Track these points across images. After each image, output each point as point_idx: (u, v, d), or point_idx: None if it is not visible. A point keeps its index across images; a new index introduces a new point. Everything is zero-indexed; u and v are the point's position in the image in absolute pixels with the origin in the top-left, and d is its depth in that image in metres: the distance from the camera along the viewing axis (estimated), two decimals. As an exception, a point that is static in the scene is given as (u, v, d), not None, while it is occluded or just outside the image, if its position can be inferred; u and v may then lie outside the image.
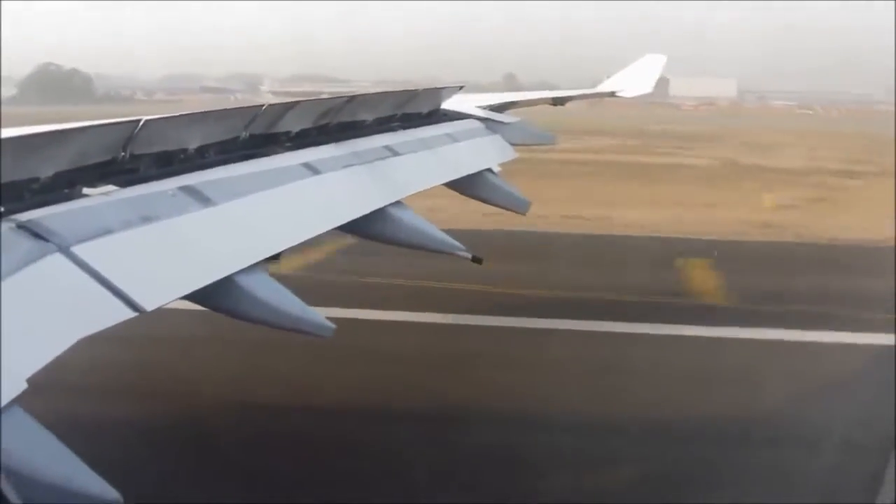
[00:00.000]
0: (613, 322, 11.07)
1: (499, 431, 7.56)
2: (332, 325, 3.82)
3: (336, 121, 5.76)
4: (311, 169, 4.86)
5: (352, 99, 6.02)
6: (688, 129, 48.86)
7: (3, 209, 2.95)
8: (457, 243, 5.37)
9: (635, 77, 13.26)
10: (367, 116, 6.31)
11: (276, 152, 4.94)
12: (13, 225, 2.90)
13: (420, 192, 5.77)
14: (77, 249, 2.94)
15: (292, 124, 5.20)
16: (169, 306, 3.12)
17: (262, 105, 4.86)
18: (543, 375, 9.06)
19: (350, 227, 4.86)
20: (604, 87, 13.32)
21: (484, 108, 8.63)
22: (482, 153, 7.42)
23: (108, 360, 7.05)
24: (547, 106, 10.77)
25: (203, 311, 3.62)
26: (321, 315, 3.83)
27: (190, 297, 3.32)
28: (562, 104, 11.66)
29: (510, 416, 7.93)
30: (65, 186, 3.40)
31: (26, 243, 2.85)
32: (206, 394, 8.11)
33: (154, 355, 8.87)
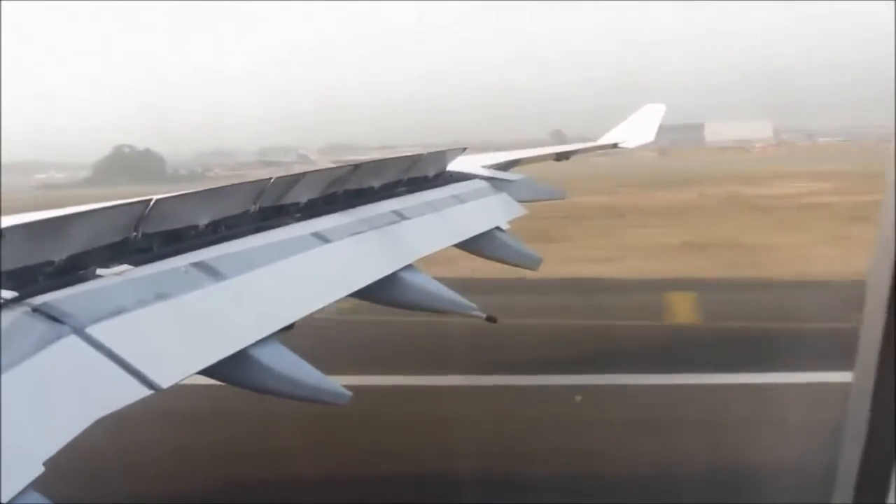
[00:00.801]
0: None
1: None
2: (349, 393, 3.79)
3: (343, 189, 5.84)
4: (321, 238, 4.90)
5: (358, 166, 6.11)
6: (801, 168, 44.73)
7: (18, 294, 2.99)
8: (470, 304, 5.35)
9: (636, 127, 13.42)
10: (374, 182, 6.39)
11: (285, 223, 5.00)
12: (28, 309, 2.93)
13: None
14: (92, 330, 2.95)
15: (301, 195, 5.27)
16: (186, 382, 3.13)
17: (270, 178, 4.94)
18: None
19: (363, 294, 4.87)
20: (606, 140, 13.47)
21: (489, 167, 8.73)
22: (490, 212, 7.47)
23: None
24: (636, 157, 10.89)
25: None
26: (337, 383, 3.81)
27: (205, 372, 3.32)
28: (566, 159, 11.78)
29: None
30: (79, 268, 3.44)
31: (41, 326, 2.87)
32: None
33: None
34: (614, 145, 13.11)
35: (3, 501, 2.15)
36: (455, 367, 10.70)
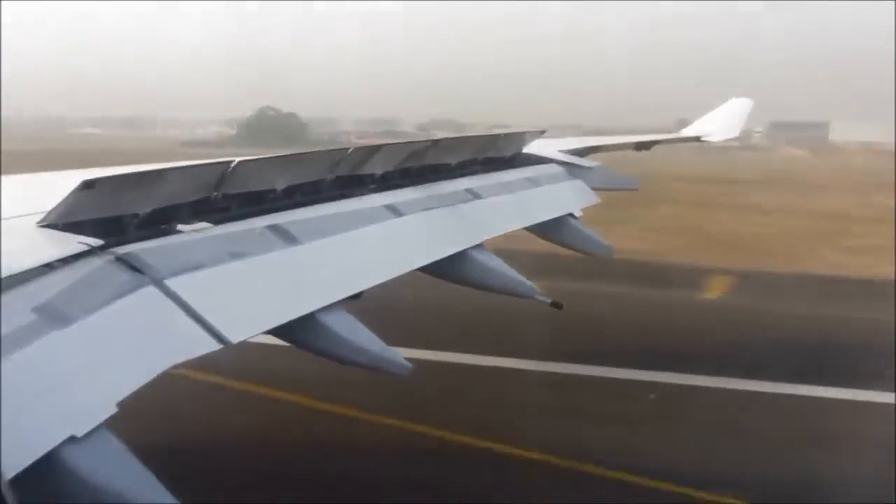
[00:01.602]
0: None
1: None
2: (409, 365, 3.84)
3: (420, 164, 5.86)
4: (394, 211, 4.95)
5: (436, 142, 6.12)
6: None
7: (103, 242, 3.12)
8: (535, 287, 5.33)
9: (721, 121, 13.02)
10: (451, 160, 6.39)
11: (360, 194, 5.06)
12: (112, 257, 3.06)
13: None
14: (170, 282, 3.07)
15: (377, 167, 5.32)
16: (252, 340, 3.22)
17: (349, 148, 5.00)
18: None
19: (431, 269, 4.90)
20: (688, 132, 13.12)
21: (566, 152, 8.63)
22: (563, 198, 7.39)
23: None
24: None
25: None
26: (400, 355, 3.86)
27: (273, 331, 3.41)
28: (646, 149, 11.54)
29: None
30: (161, 222, 3.56)
31: (123, 275, 3.00)
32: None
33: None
34: (697, 138, 12.75)
35: (77, 436, 2.26)
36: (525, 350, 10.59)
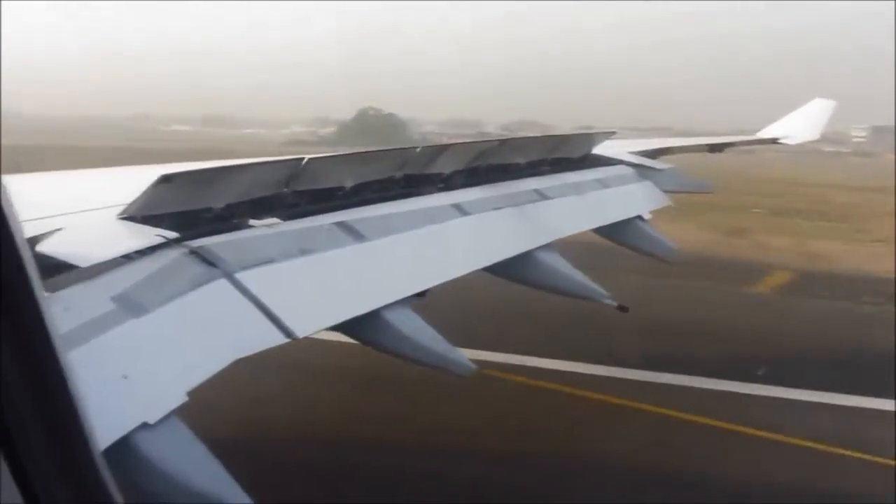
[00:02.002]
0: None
1: None
2: (473, 366, 3.84)
3: (487, 163, 5.86)
4: (461, 210, 4.96)
5: (504, 142, 6.10)
6: None
7: (179, 235, 3.22)
8: (602, 290, 5.25)
9: (801, 123, 12.59)
10: (519, 160, 6.36)
11: (428, 193, 5.09)
12: (187, 250, 3.16)
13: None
14: (240, 276, 3.15)
15: (445, 166, 5.33)
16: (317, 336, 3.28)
17: (417, 147, 5.03)
18: None
19: (496, 269, 4.89)
20: (766, 134, 12.73)
21: (637, 153, 8.48)
22: (633, 200, 7.28)
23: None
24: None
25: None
26: (464, 355, 3.86)
27: (338, 327, 3.46)
28: (719, 151, 11.25)
29: None
30: (234, 217, 3.66)
31: (196, 268, 3.09)
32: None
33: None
34: (774, 140, 12.35)
35: (149, 423, 2.34)
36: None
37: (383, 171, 4.82)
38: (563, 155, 7.08)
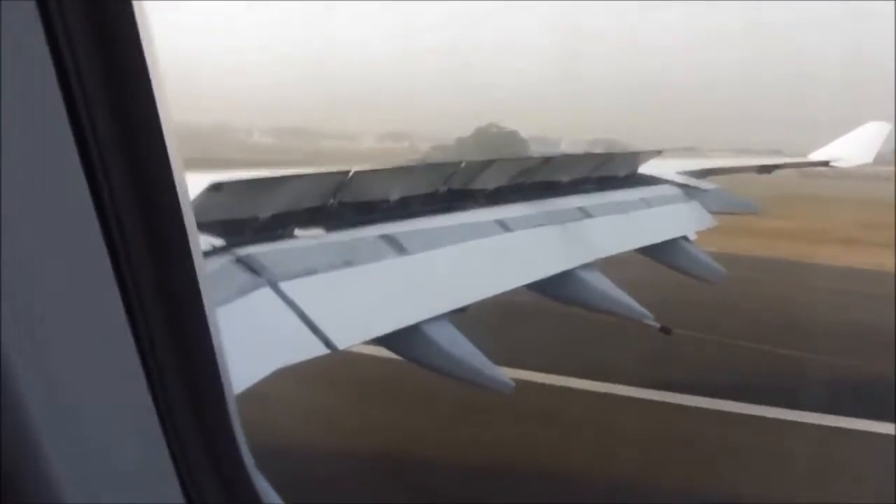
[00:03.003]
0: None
1: None
2: (511, 383, 3.82)
3: (532, 180, 5.85)
4: (504, 226, 4.95)
5: (548, 160, 6.09)
6: None
7: (225, 242, 3.27)
8: (644, 311, 5.19)
9: (854, 146, 12.34)
10: (563, 177, 6.34)
11: (471, 208, 5.09)
12: (233, 258, 3.20)
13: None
14: (284, 286, 3.18)
15: (489, 182, 5.34)
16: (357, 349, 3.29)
17: (461, 162, 5.04)
18: None
19: (538, 286, 4.87)
20: (818, 156, 12.50)
21: (683, 173, 8.39)
22: (677, 220, 7.19)
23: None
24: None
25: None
26: (501, 372, 3.85)
27: (379, 340, 3.47)
28: (768, 172, 11.09)
29: None
30: (280, 227, 3.71)
31: (242, 276, 3.14)
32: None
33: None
34: (826, 163, 12.13)
35: None
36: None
37: (429, 185, 4.84)
38: (608, 173, 7.04)
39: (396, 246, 3.99)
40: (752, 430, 7.95)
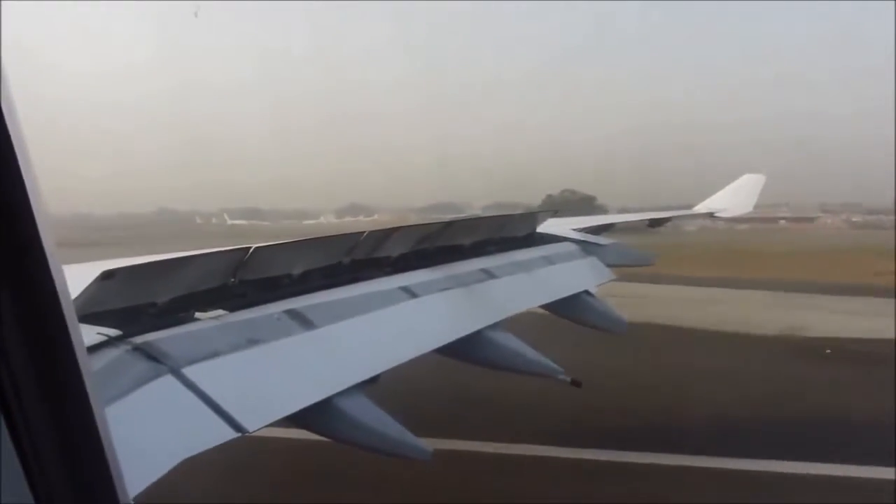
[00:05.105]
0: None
1: None
2: (430, 449, 3.77)
3: (435, 245, 5.92)
4: (410, 293, 4.96)
5: (450, 224, 6.19)
6: None
7: (121, 332, 3.14)
8: (555, 366, 5.27)
9: (734, 197, 13.13)
10: (465, 241, 6.45)
11: (376, 276, 5.09)
12: (130, 347, 3.07)
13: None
14: (187, 371, 3.06)
15: (392, 249, 5.37)
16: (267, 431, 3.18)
17: (364, 232, 5.06)
18: None
19: (448, 350, 4.88)
20: (701, 208, 13.21)
21: (580, 230, 8.69)
22: (578, 275, 7.41)
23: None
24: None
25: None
26: (418, 439, 3.80)
27: (290, 419, 3.38)
28: (658, 226, 11.62)
29: None
30: (179, 311, 3.59)
31: (141, 364, 3.00)
32: None
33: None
34: (710, 214, 12.84)
35: None
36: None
37: (331, 257, 4.82)
38: (509, 234, 7.21)
39: (302, 320, 3.93)
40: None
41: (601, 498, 8.26)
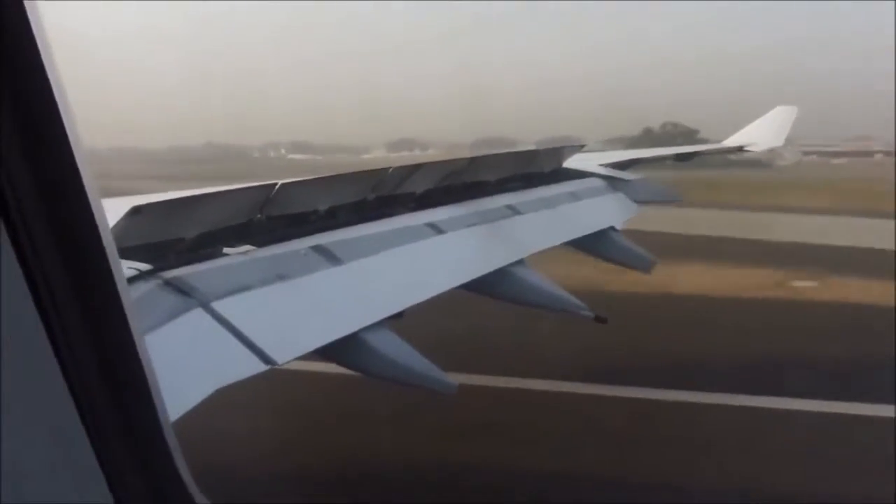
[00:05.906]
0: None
1: None
2: (455, 383, 3.83)
3: (459, 181, 5.88)
4: (435, 228, 4.96)
5: (474, 160, 6.14)
6: None
7: (152, 266, 3.18)
8: (579, 302, 5.27)
9: (765, 130, 12.83)
10: (490, 177, 6.40)
11: (401, 212, 5.09)
12: (161, 281, 3.12)
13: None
14: (217, 305, 3.11)
15: (417, 185, 5.35)
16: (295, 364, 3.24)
17: (389, 168, 5.04)
18: None
19: (473, 286, 4.89)
20: (732, 142, 12.95)
21: (607, 165, 8.58)
22: (604, 211, 7.34)
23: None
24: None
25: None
26: (444, 374, 3.85)
27: (318, 352, 3.44)
28: (687, 160, 11.43)
29: None
30: (207, 246, 3.63)
31: (171, 299, 3.06)
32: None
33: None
34: (740, 148, 12.58)
35: None
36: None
37: (357, 193, 4.81)
38: (534, 170, 7.14)
39: (329, 256, 3.96)
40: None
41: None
